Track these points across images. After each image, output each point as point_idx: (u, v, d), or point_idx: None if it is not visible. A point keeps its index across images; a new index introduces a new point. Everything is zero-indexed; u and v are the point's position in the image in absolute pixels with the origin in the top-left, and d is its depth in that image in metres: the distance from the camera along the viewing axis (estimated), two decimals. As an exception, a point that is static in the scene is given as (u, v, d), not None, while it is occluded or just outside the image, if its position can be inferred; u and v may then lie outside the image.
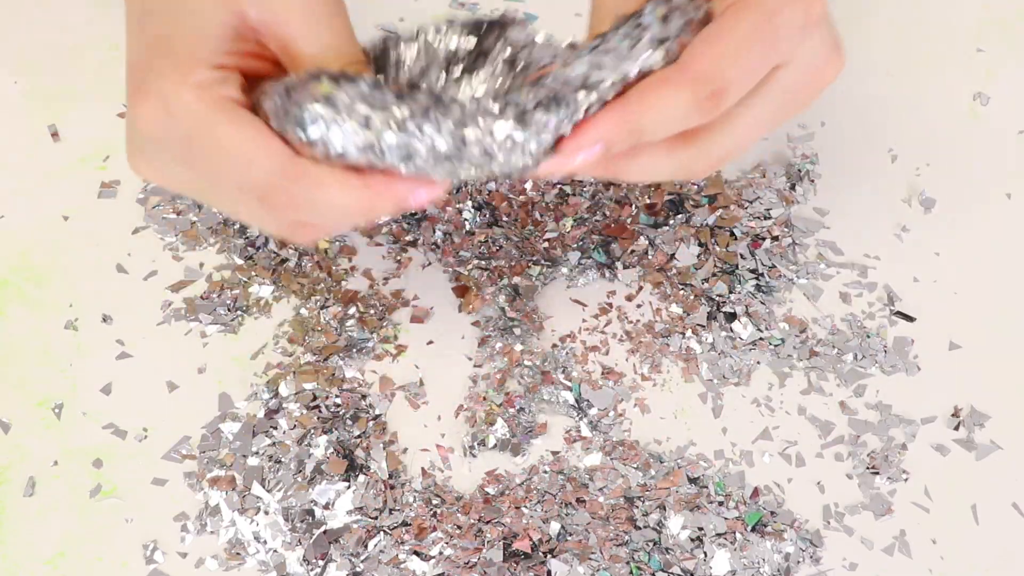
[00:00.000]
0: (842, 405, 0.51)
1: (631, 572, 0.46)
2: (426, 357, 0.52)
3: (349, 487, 0.48)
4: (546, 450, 0.50)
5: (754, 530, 0.48)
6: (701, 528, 0.47)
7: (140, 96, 0.36)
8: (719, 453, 0.50)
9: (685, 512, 0.48)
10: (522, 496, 0.48)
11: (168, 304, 0.53)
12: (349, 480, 0.48)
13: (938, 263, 0.55)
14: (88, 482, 0.49)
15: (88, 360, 0.52)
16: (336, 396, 0.50)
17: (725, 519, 0.48)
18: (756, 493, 0.49)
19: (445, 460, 0.50)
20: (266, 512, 0.48)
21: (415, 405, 0.51)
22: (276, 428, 0.50)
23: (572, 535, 0.47)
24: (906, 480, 0.49)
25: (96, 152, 0.57)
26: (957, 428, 0.51)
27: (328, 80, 0.36)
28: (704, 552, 0.47)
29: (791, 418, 0.51)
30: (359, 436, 0.50)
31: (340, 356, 0.52)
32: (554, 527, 0.47)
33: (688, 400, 0.51)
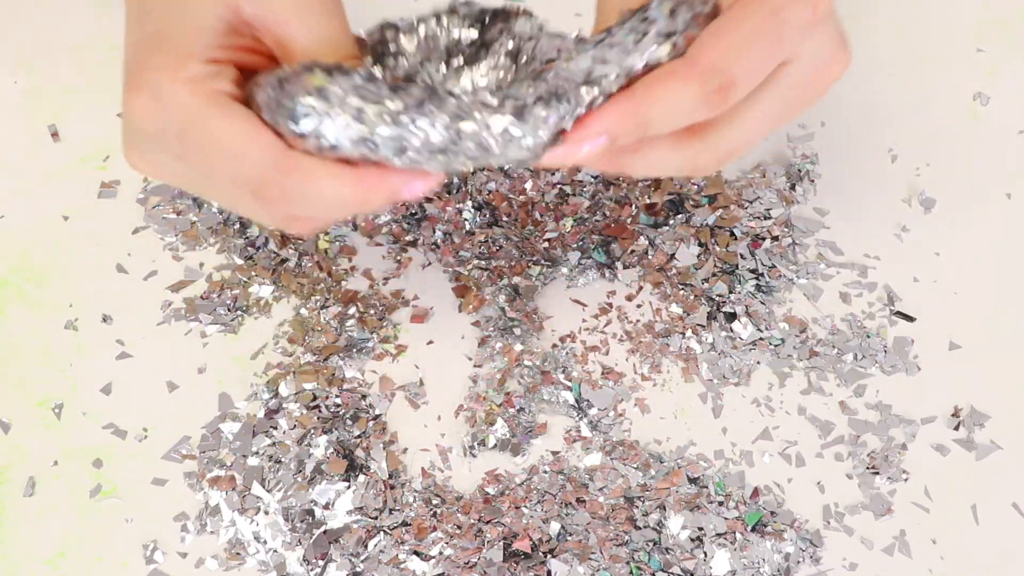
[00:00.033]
0: (842, 405, 0.51)
1: (631, 572, 0.46)
2: (426, 357, 0.52)
3: (349, 487, 0.48)
4: (546, 450, 0.50)
5: (754, 530, 0.48)
6: (701, 528, 0.47)
7: (134, 90, 0.36)
8: (719, 453, 0.50)
9: (685, 512, 0.48)
10: (522, 496, 0.48)
11: (168, 304, 0.53)
12: (349, 480, 0.48)
13: (938, 263, 0.55)
14: (88, 482, 0.49)
15: (88, 360, 0.52)
16: (336, 396, 0.50)
17: (725, 519, 0.48)
18: (756, 493, 0.49)
19: (444, 459, 0.50)
20: (266, 512, 0.48)
21: (415, 405, 0.51)
22: (276, 428, 0.50)
23: (572, 535, 0.47)
24: (906, 480, 0.49)
25: (96, 152, 0.57)
26: (957, 428, 0.51)
27: (321, 72, 0.35)
28: (704, 552, 0.47)
29: (791, 418, 0.51)
30: (359, 436, 0.50)
31: (340, 356, 0.52)
32: (554, 527, 0.47)
33: (688, 400, 0.51)
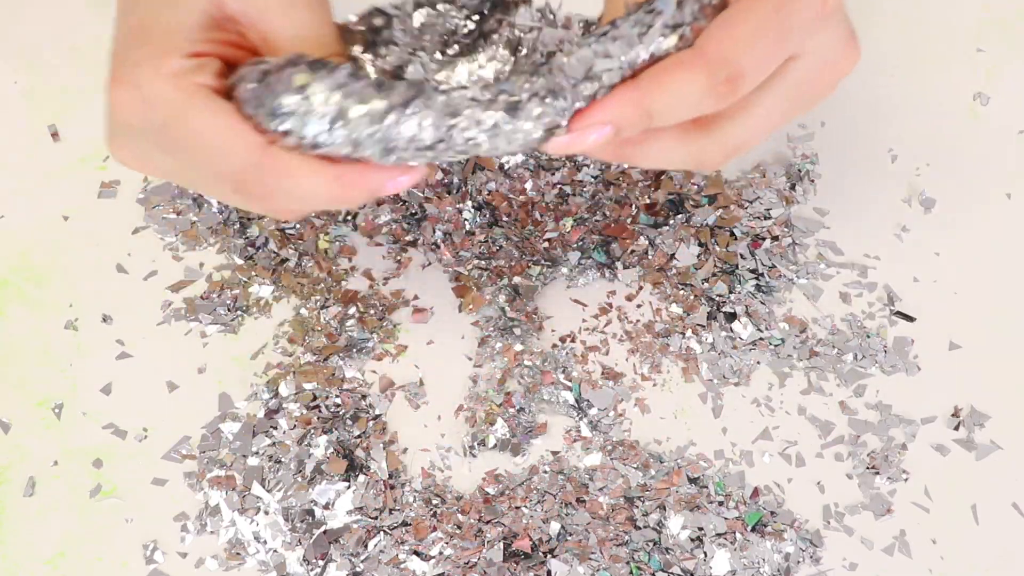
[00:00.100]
0: (842, 405, 0.51)
1: (631, 572, 0.46)
2: (426, 357, 0.52)
3: (349, 487, 0.48)
4: (546, 450, 0.50)
5: (754, 530, 0.48)
6: (701, 528, 0.47)
7: (117, 84, 0.36)
8: (719, 453, 0.50)
9: (685, 512, 0.48)
10: (522, 496, 0.48)
11: (168, 304, 0.53)
12: (349, 480, 0.48)
13: (938, 263, 0.55)
14: (88, 482, 0.49)
15: (88, 360, 0.52)
16: (336, 396, 0.50)
17: (725, 519, 0.48)
18: (756, 493, 0.49)
19: (444, 459, 0.50)
20: (266, 512, 0.48)
21: (415, 405, 0.51)
22: (276, 428, 0.50)
23: (572, 535, 0.47)
24: (906, 480, 0.49)
25: (96, 152, 0.57)
26: (957, 428, 0.51)
27: (304, 69, 0.35)
28: (704, 552, 0.47)
29: (791, 418, 0.51)
30: (359, 436, 0.50)
31: (340, 356, 0.52)
32: (554, 527, 0.47)
33: (688, 400, 0.51)
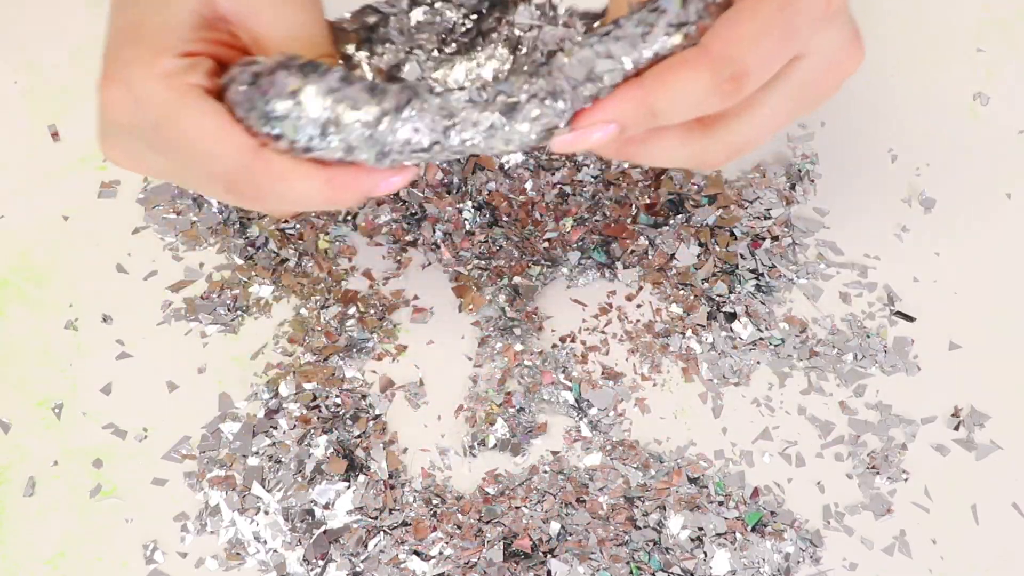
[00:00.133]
0: (842, 405, 0.51)
1: (631, 572, 0.46)
2: (426, 357, 0.52)
3: (349, 487, 0.48)
4: (546, 450, 0.50)
5: (754, 530, 0.48)
6: (701, 528, 0.47)
7: (109, 84, 0.36)
8: (719, 453, 0.50)
9: (685, 512, 0.48)
10: (522, 496, 0.48)
11: (168, 304, 0.53)
12: (349, 480, 0.48)
13: (938, 263, 0.55)
14: (88, 482, 0.49)
15: (88, 360, 0.52)
16: (336, 396, 0.50)
17: (725, 519, 0.48)
18: (756, 493, 0.49)
19: (444, 459, 0.50)
20: (266, 512, 0.48)
21: (415, 405, 0.51)
22: (276, 428, 0.50)
23: (572, 535, 0.47)
24: (906, 480, 0.49)
25: (96, 152, 0.57)
26: (957, 428, 0.51)
27: (296, 72, 0.34)
28: (704, 552, 0.47)
29: (791, 418, 0.51)
30: (359, 436, 0.50)
31: (340, 356, 0.52)
32: (554, 527, 0.47)
33: (688, 400, 0.51)
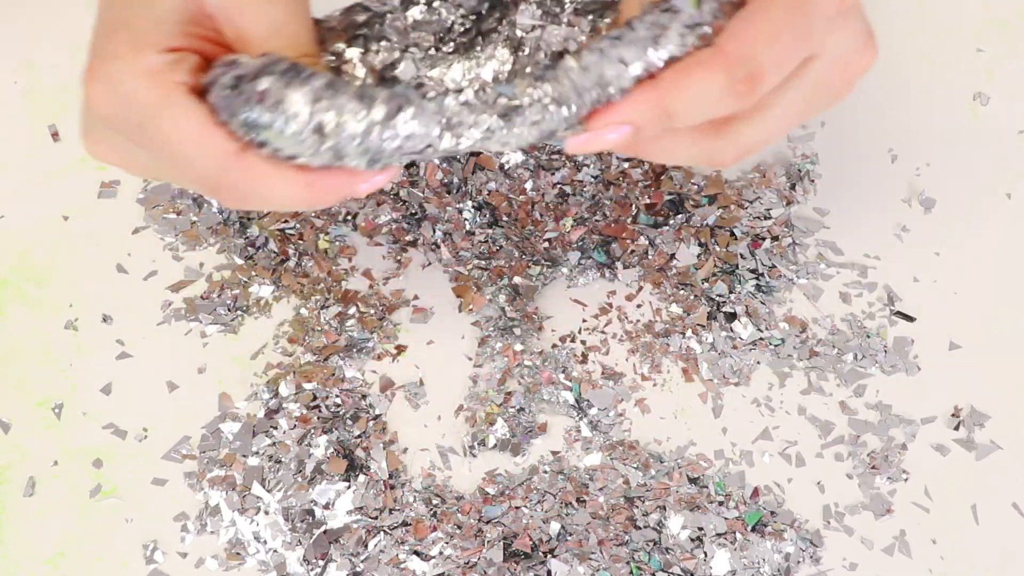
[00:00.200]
0: (842, 405, 0.51)
1: (631, 572, 0.46)
2: (426, 357, 0.52)
3: (349, 487, 0.48)
4: (546, 450, 0.50)
5: (754, 530, 0.48)
6: (701, 528, 0.47)
7: (93, 79, 0.36)
8: (719, 453, 0.50)
9: (685, 512, 0.48)
10: (522, 496, 0.48)
11: (168, 304, 0.53)
12: (349, 480, 0.48)
13: (938, 263, 0.55)
14: (88, 482, 0.49)
15: (88, 360, 0.52)
16: (336, 396, 0.50)
17: (725, 519, 0.48)
18: (756, 493, 0.49)
19: (444, 459, 0.50)
20: (266, 512, 0.48)
21: (415, 405, 0.51)
22: (276, 428, 0.50)
23: (572, 535, 0.47)
24: (906, 480, 0.49)
25: (96, 152, 0.57)
26: (957, 428, 0.51)
27: (279, 78, 0.34)
28: (704, 552, 0.47)
29: (791, 418, 0.51)
30: (359, 436, 0.50)
31: (340, 356, 0.52)
32: (554, 527, 0.47)
33: (688, 400, 0.51)
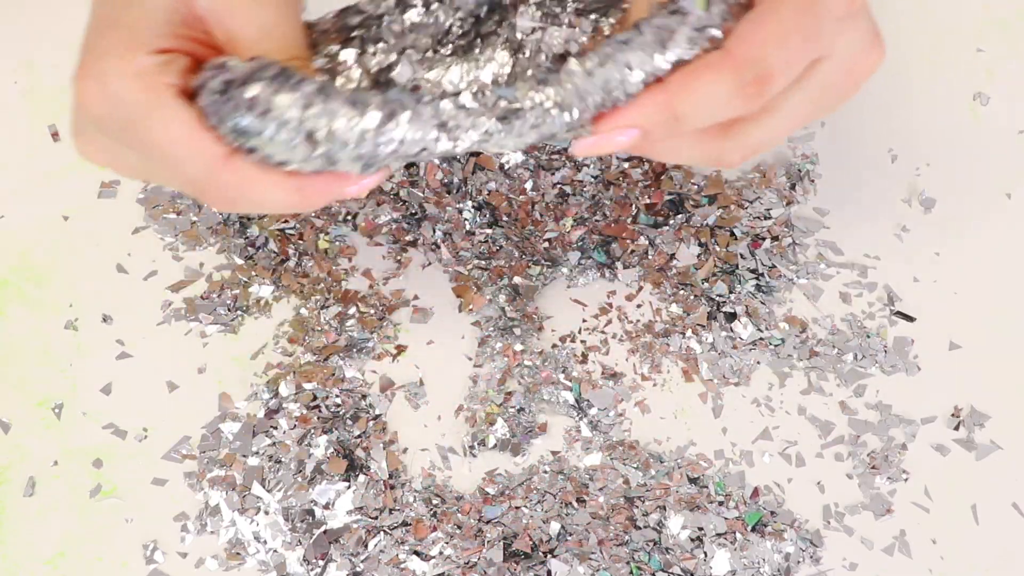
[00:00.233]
0: (842, 405, 0.51)
1: (631, 572, 0.46)
2: (426, 357, 0.52)
3: (349, 487, 0.48)
4: (546, 450, 0.50)
5: (754, 530, 0.48)
6: (701, 528, 0.47)
7: (83, 78, 0.36)
8: (719, 453, 0.50)
9: (685, 512, 0.48)
10: (522, 496, 0.48)
11: (168, 304, 0.53)
12: (349, 480, 0.48)
13: (938, 263, 0.55)
14: (88, 482, 0.49)
15: (88, 360, 0.52)
16: (336, 396, 0.50)
17: (725, 519, 0.48)
18: (756, 493, 0.49)
19: (444, 459, 0.50)
20: (266, 512, 0.48)
21: (415, 405, 0.51)
22: (276, 428, 0.50)
23: (572, 535, 0.47)
24: (906, 480, 0.49)
25: (96, 152, 0.57)
26: (957, 428, 0.51)
27: (268, 84, 0.34)
28: (704, 552, 0.47)
29: (791, 418, 0.51)
30: (359, 436, 0.50)
31: (340, 356, 0.52)
32: (554, 527, 0.47)
33: (688, 400, 0.51)
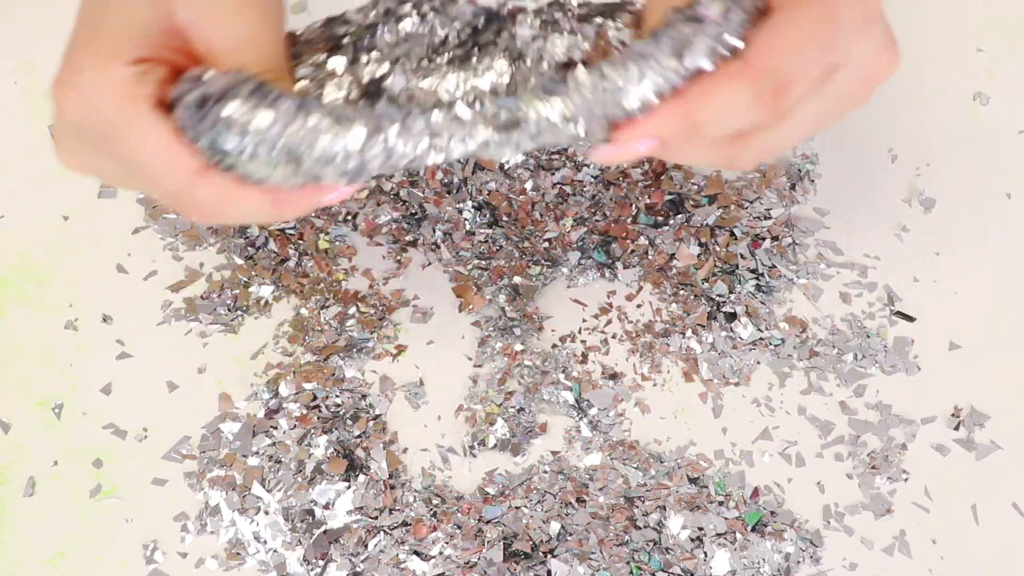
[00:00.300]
0: (842, 405, 0.51)
1: (631, 572, 0.46)
2: (426, 357, 0.52)
3: (349, 487, 0.48)
4: (546, 450, 0.50)
5: (754, 530, 0.48)
6: (701, 528, 0.47)
7: (61, 87, 0.36)
8: (719, 453, 0.50)
9: (685, 512, 0.48)
10: (522, 496, 0.48)
11: (168, 304, 0.53)
12: (349, 480, 0.48)
13: (938, 263, 0.55)
14: (88, 482, 0.49)
15: (88, 360, 0.52)
16: (336, 396, 0.50)
17: (725, 519, 0.48)
18: (756, 493, 0.49)
19: (444, 459, 0.50)
20: (266, 512, 0.48)
21: (415, 405, 0.51)
22: (276, 428, 0.50)
23: (572, 535, 0.47)
24: (906, 480, 0.49)
25: (96, 152, 0.57)
26: (957, 428, 0.51)
27: (244, 100, 0.33)
28: (704, 552, 0.47)
29: (791, 418, 0.51)
30: (359, 436, 0.50)
31: (340, 356, 0.52)
32: (554, 527, 0.47)
33: (688, 400, 0.51)
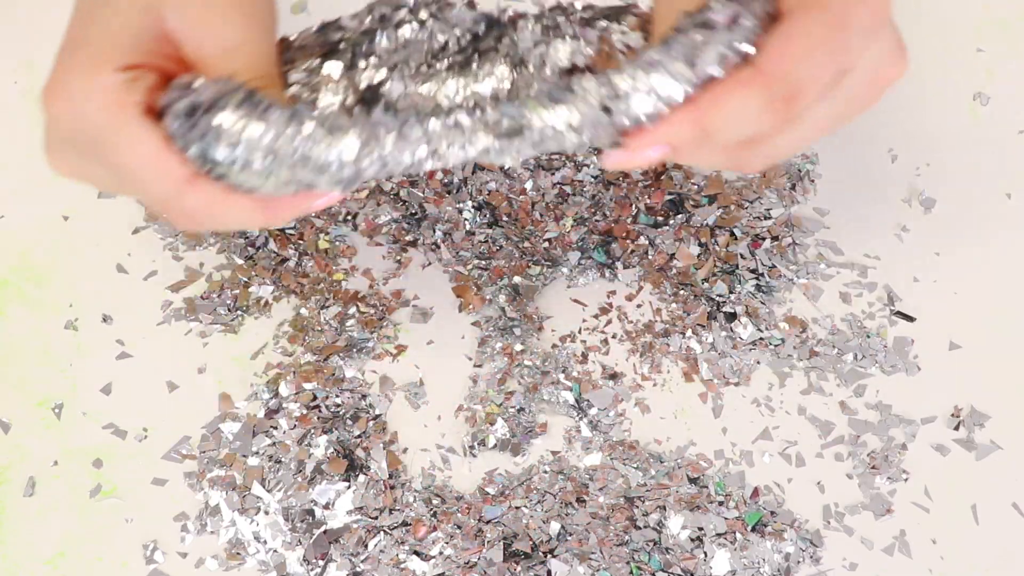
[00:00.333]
0: (842, 405, 0.51)
1: (631, 572, 0.46)
2: (426, 357, 0.52)
3: (349, 487, 0.48)
4: (546, 450, 0.50)
5: (754, 530, 0.48)
6: (701, 528, 0.47)
7: (51, 94, 0.36)
8: (719, 453, 0.50)
9: (685, 512, 0.48)
10: (522, 496, 0.48)
11: (168, 304, 0.53)
12: (349, 480, 0.48)
13: (938, 263, 0.55)
14: (88, 482, 0.49)
15: (88, 360, 0.52)
16: (336, 396, 0.50)
17: (725, 519, 0.48)
18: (756, 493, 0.49)
19: (444, 459, 0.50)
20: (266, 512, 0.48)
21: (415, 405, 0.51)
22: (276, 428, 0.50)
23: (572, 535, 0.47)
24: (906, 480, 0.49)
25: (96, 152, 0.57)
26: (957, 428, 0.51)
27: (234, 110, 0.33)
28: (704, 552, 0.47)
29: (791, 418, 0.51)
30: (359, 436, 0.50)
31: (340, 356, 0.52)
32: (554, 527, 0.47)
33: (688, 400, 0.51)
